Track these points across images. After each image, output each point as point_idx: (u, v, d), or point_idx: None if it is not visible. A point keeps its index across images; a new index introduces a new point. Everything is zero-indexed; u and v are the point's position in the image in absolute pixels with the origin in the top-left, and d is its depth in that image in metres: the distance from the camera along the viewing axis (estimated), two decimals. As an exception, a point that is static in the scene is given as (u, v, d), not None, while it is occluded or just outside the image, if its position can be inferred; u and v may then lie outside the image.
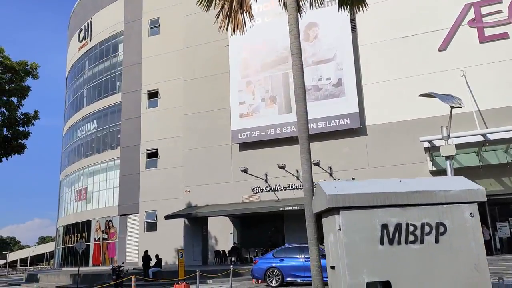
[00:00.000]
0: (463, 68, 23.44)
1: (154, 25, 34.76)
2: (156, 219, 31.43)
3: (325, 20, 26.09)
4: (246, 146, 27.01)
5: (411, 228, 3.19)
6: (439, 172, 23.16)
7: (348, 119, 24.79)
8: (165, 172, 31.31)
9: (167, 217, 26.54)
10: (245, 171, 25.01)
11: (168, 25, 33.91)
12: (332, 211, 3.34)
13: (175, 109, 31.53)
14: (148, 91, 33.64)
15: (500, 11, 23.56)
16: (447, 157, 9.08)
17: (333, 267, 3.44)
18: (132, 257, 32.12)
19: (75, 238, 37.37)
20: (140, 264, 27.59)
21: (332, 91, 25.41)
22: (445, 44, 24.38)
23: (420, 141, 20.78)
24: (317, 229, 8.12)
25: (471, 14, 24.06)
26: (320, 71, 25.71)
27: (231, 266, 17.27)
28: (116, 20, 37.68)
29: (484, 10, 23.83)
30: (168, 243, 29.32)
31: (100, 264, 34.38)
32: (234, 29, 9.97)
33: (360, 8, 10.64)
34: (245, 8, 9.69)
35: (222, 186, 27.02)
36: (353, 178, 24.49)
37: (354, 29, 26.06)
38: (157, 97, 33.24)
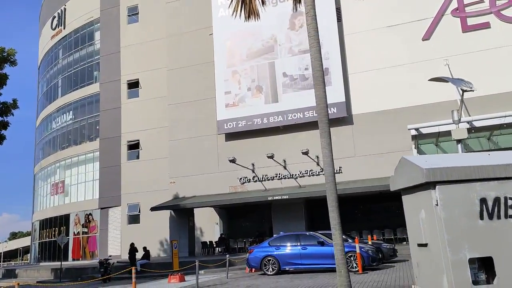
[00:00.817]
0: (446, 57, 23.81)
1: (133, 13, 33.86)
2: (139, 212, 30.88)
3: (310, 8, 25.95)
4: (232, 136, 26.75)
5: (509, 202, 3.10)
6: (424, 159, 23.61)
7: (335, 108, 24.85)
8: (148, 164, 30.73)
9: (153, 208, 26.07)
10: (233, 161, 24.79)
11: (148, 13, 33.09)
12: (426, 186, 3.21)
13: (157, 99, 30.90)
14: (128, 81, 32.84)
15: (482, 1, 24.03)
16: (458, 141, 9.18)
17: (424, 245, 3.31)
18: (114, 251, 31.47)
19: (53, 233, 36.37)
20: (124, 257, 27.11)
21: (318, 80, 25.37)
22: (428, 34, 24.72)
23: (408, 129, 21.01)
24: (339, 214, 8.03)
25: (454, 4, 24.45)
26: (307, 60, 25.59)
27: (227, 256, 17.11)
28: (91, 7, 36.51)
29: None
30: (152, 235, 28.87)
31: (80, 259, 33.56)
32: (248, 16, 9.71)
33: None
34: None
35: (209, 176, 26.72)
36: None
37: (339, 18, 26.09)
38: (138, 87, 32.48)
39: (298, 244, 16.08)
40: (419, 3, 24.90)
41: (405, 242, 23.27)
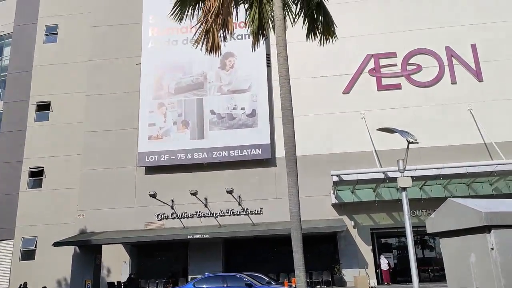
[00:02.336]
0: (363, 111, 25.78)
1: (51, 32, 31.82)
2: (36, 247, 27.75)
3: (242, 51, 26.63)
4: (153, 170, 25.69)
5: None
6: (340, 205, 24.78)
7: (260, 149, 25.27)
8: (52, 194, 28.03)
9: (56, 244, 23.58)
10: (153, 196, 23.66)
11: (68, 34, 31.30)
12: (480, 229, 3.32)
13: (70, 125, 28.78)
14: (37, 102, 30.25)
15: (395, 65, 26.68)
16: (403, 189, 9.76)
17: (475, 290, 3.36)
18: (0, 291, 27.66)
19: None
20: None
21: (245, 121, 25.79)
22: (348, 88, 26.61)
23: (331, 175, 22.04)
24: (303, 255, 7.91)
25: (371, 64, 26.78)
26: (235, 100, 26.00)
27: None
28: (3, 21, 33.67)
29: (382, 62, 26.74)
30: (49, 274, 26.02)
31: (-45, 300, 28.82)
32: (210, 50, 9.49)
33: (330, 39, 10.97)
34: (227, 26, 9.34)
35: (123, 211, 25.13)
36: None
37: (268, 64, 27.02)
38: (49, 109, 30.07)
39: (225, 286, 15.60)
40: (341, 60, 26.77)
41: (318, 286, 23.74)
